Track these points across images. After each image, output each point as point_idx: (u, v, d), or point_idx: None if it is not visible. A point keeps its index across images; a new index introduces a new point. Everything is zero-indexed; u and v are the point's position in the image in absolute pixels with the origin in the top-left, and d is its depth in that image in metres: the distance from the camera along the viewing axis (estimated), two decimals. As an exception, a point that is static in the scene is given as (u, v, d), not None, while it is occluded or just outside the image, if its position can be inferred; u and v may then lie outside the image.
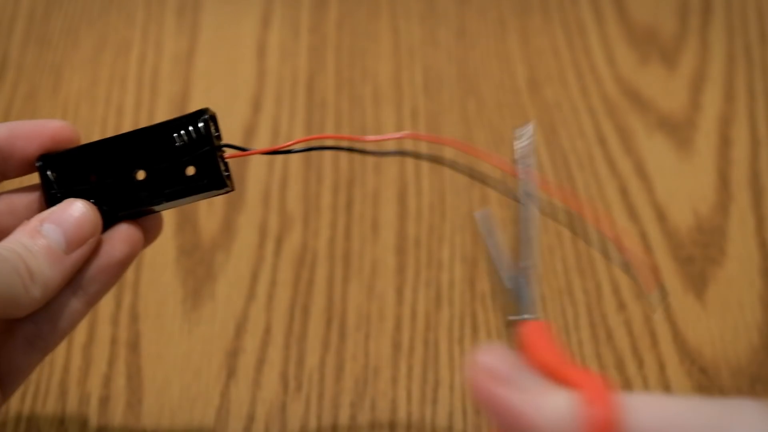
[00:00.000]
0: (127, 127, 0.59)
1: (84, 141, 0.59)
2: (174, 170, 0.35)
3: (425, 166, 0.57)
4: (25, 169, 0.37)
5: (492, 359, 0.28)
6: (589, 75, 0.63)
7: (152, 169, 0.36)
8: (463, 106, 0.61)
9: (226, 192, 0.36)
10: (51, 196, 0.36)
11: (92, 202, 0.35)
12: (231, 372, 0.48)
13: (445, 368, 0.49)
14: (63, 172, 0.36)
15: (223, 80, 0.62)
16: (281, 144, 0.38)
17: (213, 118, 0.36)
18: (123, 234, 0.35)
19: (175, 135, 0.35)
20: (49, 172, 0.36)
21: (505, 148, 0.59)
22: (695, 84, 0.62)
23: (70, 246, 0.34)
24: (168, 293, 0.51)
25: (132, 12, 0.66)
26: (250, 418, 0.47)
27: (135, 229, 0.36)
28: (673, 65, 0.64)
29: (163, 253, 0.53)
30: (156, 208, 0.36)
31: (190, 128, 0.35)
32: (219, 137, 0.36)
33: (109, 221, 0.36)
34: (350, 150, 0.39)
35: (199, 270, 0.52)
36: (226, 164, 0.36)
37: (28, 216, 0.35)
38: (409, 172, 0.57)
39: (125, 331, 0.50)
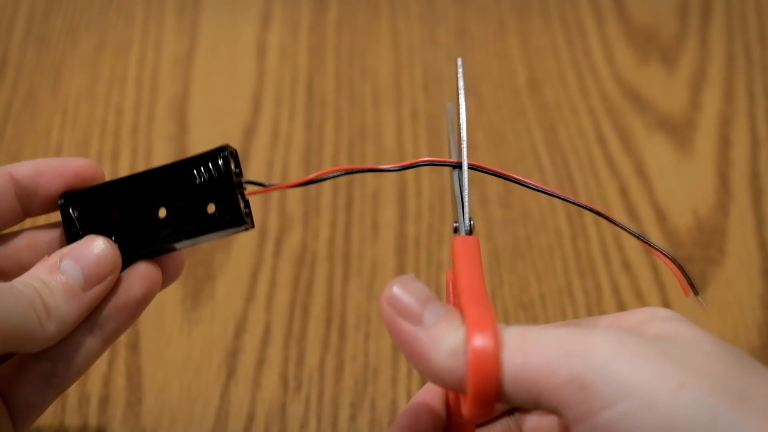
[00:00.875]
0: (126, 128, 0.59)
1: (85, 142, 0.59)
2: (194, 208, 0.35)
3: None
4: (49, 206, 0.36)
5: (401, 293, 0.30)
6: (589, 75, 0.63)
7: (173, 207, 0.35)
8: (463, 106, 0.61)
9: (246, 229, 0.35)
10: (72, 234, 0.36)
11: (113, 240, 0.35)
12: (231, 372, 0.48)
13: (445, 368, 0.49)
14: (84, 209, 0.36)
15: (223, 80, 0.62)
16: (310, 175, 0.37)
17: (233, 155, 0.35)
18: (142, 273, 0.35)
19: (195, 172, 0.35)
20: (70, 210, 0.36)
21: (504, 147, 0.59)
22: (695, 84, 0.62)
23: (89, 283, 0.33)
24: (168, 293, 0.51)
25: (132, 12, 0.66)
26: (250, 418, 0.47)
27: (154, 268, 0.35)
28: (673, 65, 0.64)
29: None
30: (176, 245, 0.36)
31: (210, 165, 0.35)
32: (240, 174, 0.36)
33: (129, 258, 0.35)
34: (367, 170, 0.39)
35: (198, 270, 0.52)
36: (246, 201, 0.35)
37: (50, 253, 0.35)
38: (409, 173, 0.57)
39: (125, 332, 0.50)
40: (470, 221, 0.35)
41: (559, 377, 0.27)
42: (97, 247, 0.34)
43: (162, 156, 0.57)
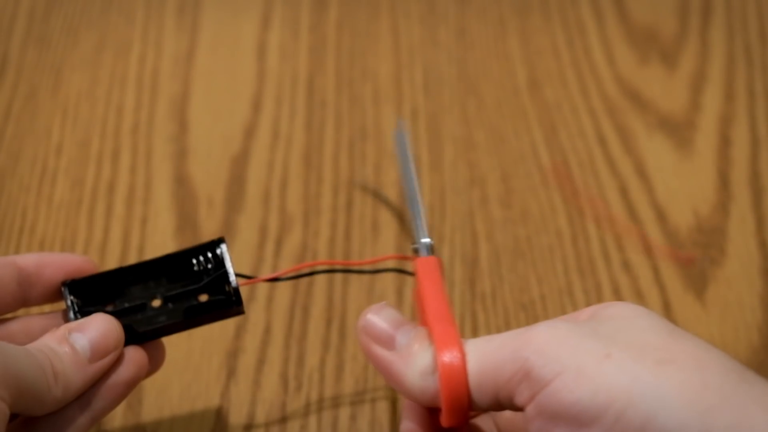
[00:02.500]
0: (126, 128, 0.59)
1: (85, 142, 0.59)
2: (191, 293, 0.39)
3: (425, 165, 0.57)
4: (48, 297, 0.39)
5: (375, 319, 0.34)
6: (589, 75, 0.63)
7: (171, 293, 0.39)
8: (463, 106, 0.61)
9: (238, 314, 0.39)
10: (74, 316, 0.38)
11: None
12: (231, 372, 0.48)
13: (445, 368, 0.48)
14: (85, 295, 0.39)
15: (223, 80, 0.62)
16: (275, 273, 0.44)
17: (227, 247, 0.39)
18: (131, 356, 0.37)
19: (193, 260, 0.40)
20: (72, 297, 0.39)
21: (504, 147, 0.59)
22: (695, 84, 0.62)
23: (95, 355, 0.35)
24: (168, 293, 0.51)
25: (132, 12, 0.66)
26: (250, 418, 0.47)
27: (142, 353, 0.38)
28: (673, 65, 0.64)
29: (163, 252, 0.53)
30: (174, 328, 0.39)
31: (209, 255, 0.40)
32: (231, 264, 0.39)
33: (129, 338, 0.38)
34: (346, 271, 0.47)
35: (199, 270, 0.52)
36: (238, 289, 0.39)
37: None
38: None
39: (125, 331, 0.50)
40: (430, 242, 0.38)
41: (508, 371, 0.31)
42: (103, 323, 0.36)
43: (162, 156, 0.57)
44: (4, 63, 0.63)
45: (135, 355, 0.37)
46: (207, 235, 0.54)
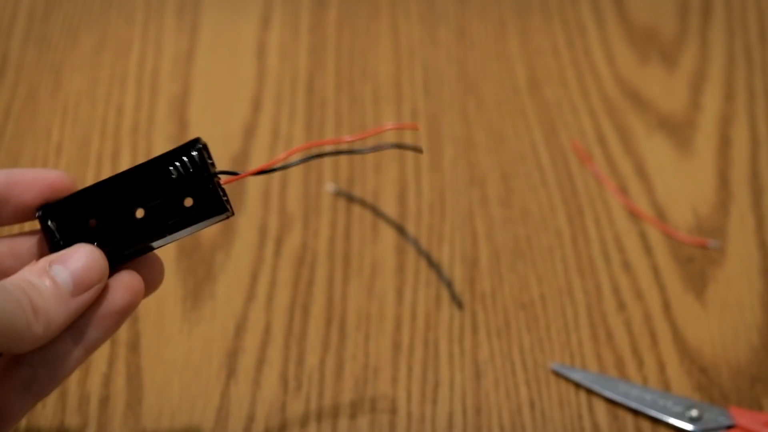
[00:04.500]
0: (126, 127, 0.59)
1: (85, 142, 0.59)
2: (173, 202, 0.36)
3: (425, 165, 0.57)
4: (20, 216, 0.36)
5: None
6: (589, 75, 0.63)
7: (152, 205, 0.36)
8: (463, 106, 0.61)
9: (227, 217, 0.36)
10: (54, 245, 0.36)
11: (96, 245, 0.35)
12: (231, 372, 0.48)
13: (445, 368, 0.49)
14: (63, 219, 0.36)
15: (223, 80, 0.62)
16: (272, 161, 0.38)
17: (206, 147, 0.36)
18: (125, 283, 0.35)
19: (170, 168, 0.36)
20: (49, 222, 0.36)
21: (504, 146, 0.59)
22: (695, 84, 0.62)
23: (78, 289, 0.34)
24: (168, 293, 0.51)
25: (132, 12, 0.66)
26: (250, 418, 0.47)
27: (137, 277, 0.36)
28: (673, 65, 0.64)
29: (163, 253, 0.53)
30: (160, 242, 0.36)
31: (185, 159, 0.36)
32: (213, 164, 0.36)
33: (114, 261, 0.35)
34: (338, 153, 0.40)
35: (199, 270, 0.52)
36: (223, 190, 0.36)
37: (31, 260, 0.35)
38: (409, 172, 0.57)
39: (125, 332, 0.50)
40: None
41: None
42: (86, 254, 0.34)
43: (162, 156, 0.57)
44: (4, 63, 0.63)
45: (129, 281, 0.35)
46: (207, 237, 0.54)
